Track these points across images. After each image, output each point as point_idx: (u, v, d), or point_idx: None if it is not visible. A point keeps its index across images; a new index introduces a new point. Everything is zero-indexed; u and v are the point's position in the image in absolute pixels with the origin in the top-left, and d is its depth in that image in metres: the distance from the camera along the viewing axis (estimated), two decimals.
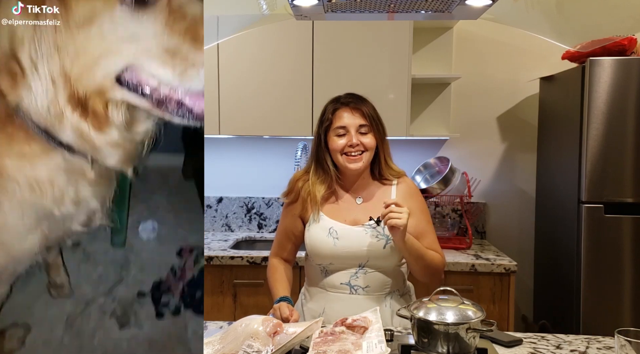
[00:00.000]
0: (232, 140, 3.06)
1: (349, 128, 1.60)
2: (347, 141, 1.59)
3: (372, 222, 1.59)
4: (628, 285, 2.27)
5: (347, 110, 1.62)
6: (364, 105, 1.63)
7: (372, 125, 1.62)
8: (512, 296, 2.46)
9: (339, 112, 1.62)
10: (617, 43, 2.26)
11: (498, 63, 2.96)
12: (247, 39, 2.71)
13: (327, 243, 1.61)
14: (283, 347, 1.26)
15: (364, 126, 1.61)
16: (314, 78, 2.68)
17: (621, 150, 2.25)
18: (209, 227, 3.11)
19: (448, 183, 2.68)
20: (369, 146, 1.61)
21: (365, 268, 1.61)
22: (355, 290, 1.61)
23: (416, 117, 2.96)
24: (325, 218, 1.64)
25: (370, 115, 1.62)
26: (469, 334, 1.27)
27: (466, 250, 2.70)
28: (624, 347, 1.17)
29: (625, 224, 2.26)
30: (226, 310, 2.52)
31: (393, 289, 1.66)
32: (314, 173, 1.67)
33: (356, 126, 1.60)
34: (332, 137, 1.62)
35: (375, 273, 1.61)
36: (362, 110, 1.61)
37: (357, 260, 1.60)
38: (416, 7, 1.57)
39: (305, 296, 1.73)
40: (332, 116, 1.62)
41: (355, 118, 1.61)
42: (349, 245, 1.59)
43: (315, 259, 1.64)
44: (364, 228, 1.61)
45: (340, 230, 1.61)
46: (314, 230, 1.64)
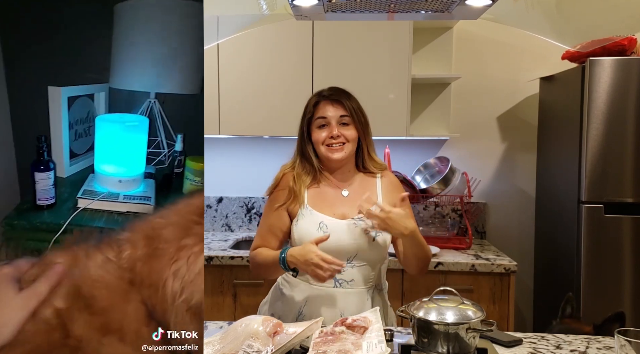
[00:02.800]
0: (232, 140, 3.06)
1: (329, 119, 1.62)
2: (328, 132, 1.61)
3: (362, 216, 1.59)
4: (628, 285, 2.27)
5: (328, 103, 1.64)
6: (345, 97, 1.65)
7: (352, 117, 1.63)
8: (512, 296, 2.46)
9: (320, 105, 1.65)
10: (617, 43, 2.26)
11: (498, 63, 2.96)
12: (247, 39, 2.71)
13: (316, 237, 1.57)
14: (283, 347, 1.26)
15: (345, 117, 1.62)
16: (314, 78, 2.68)
17: (621, 150, 2.25)
18: (209, 227, 3.11)
19: (448, 183, 2.68)
20: (350, 137, 1.62)
21: (352, 262, 1.61)
22: (340, 283, 1.61)
23: (416, 117, 2.96)
24: (314, 213, 1.62)
25: (351, 107, 1.63)
26: (469, 334, 1.27)
27: (466, 250, 2.70)
28: (624, 347, 1.17)
29: (625, 224, 2.26)
30: (226, 310, 2.52)
31: (375, 283, 1.67)
32: (299, 165, 1.68)
33: (337, 117, 1.62)
34: (314, 128, 1.64)
35: (361, 267, 1.62)
36: (343, 102, 1.63)
37: (346, 254, 1.60)
38: (416, 7, 1.57)
39: (285, 285, 1.69)
40: (314, 108, 1.65)
41: (336, 110, 1.63)
42: (340, 239, 1.59)
43: None
44: (354, 222, 1.61)
45: (331, 224, 1.60)
46: (303, 224, 1.62)
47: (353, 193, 1.67)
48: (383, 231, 1.59)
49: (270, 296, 1.77)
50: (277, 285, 1.74)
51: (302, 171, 1.67)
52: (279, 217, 1.67)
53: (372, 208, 1.50)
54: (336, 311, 1.59)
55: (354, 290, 1.61)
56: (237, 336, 1.30)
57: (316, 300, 1.61)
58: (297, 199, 1.64)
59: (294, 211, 1.65)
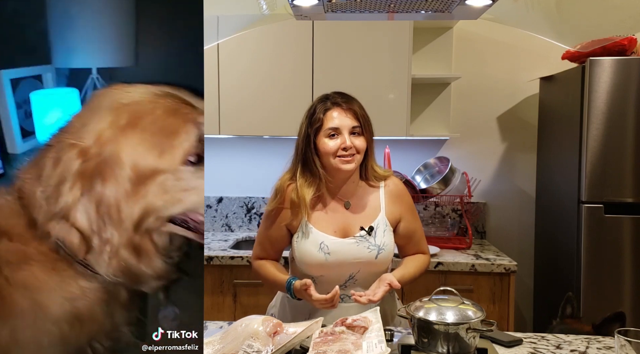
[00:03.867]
0: (232, 140, 3.06)
1: (341, 130, 1.53)
2: (340, 143, 1.53)
3: (364, 233, 1.57)
4: (628, 285, 2.27)
5: (338, 110, 1.55)
6: (354, 104, 1.57)
7: (363, 127, 1.56)
8: (512, 296, 2.46)
9: (329, 113, 1.55)
10: (617, 43, 2.26)
11: (498, 63, 2.96)
12: (247, 39, 2.71)
13: (318, 258, 1.56)
14: (283, 347, 1.26)
15: (356, 127, 1.55)
16: (314, 78, 2.68)
17: (621, 150, 2.25)
18: (209, 227, 3.11)
19: (448, 183, 2.68)
20: (361, 148, 1.55)
21: (355, 277, 1.59)
22: (342, 298, 1.57)
23: (416, 117, 2.96)
24: (314, 232, 1.57)
25: (361, 116, 1.56)
26: (469, 334, 1.27)
27: (466, 250, 2.70)
28: (624, 347, 1.17)
29: (625, 224, 2.26)
30: (226, 310, 2.52)
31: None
32: (301, 176, 1.58)
33: (349, 128, 1.54)
34: (323, 138, 1.54)
35: (365, 282, 1.59)
36: (354, 110, 1.56)
37: (349, 272, 1.58)
38: (416, 7, 1.57)
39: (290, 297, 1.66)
40: (323, 117, 1.54)
41: (347, 119, 1.54)
42: (341, 259, 1.56)
43: (305, 270, 1.60)
44: (356, 241, 1.57)
45: (332, 245, 1.56)
46: (303, 245, 1.58)
47: (355, 206, 1.61)
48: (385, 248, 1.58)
49: (276, 300, 1.76)
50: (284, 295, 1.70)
51: (305, 182, 1.58)
52: (279, 231, 1.64)
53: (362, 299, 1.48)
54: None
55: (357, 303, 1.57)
56: (237, 336, 1.30)
57: (320, 313, 1.55)
58: (299, 215, 1.58)
59: (294, 225, 1.61)
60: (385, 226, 1.60)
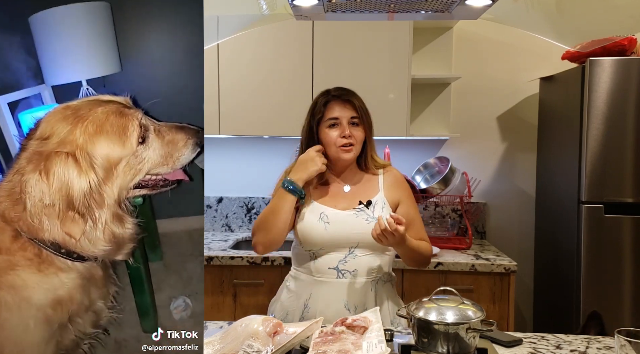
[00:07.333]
0: (232, 140, 3.06)
1: (341, 119, 1.64)
2: (339, 132, 1.64)
3: (362, 206, 1.64)
4: (628, 285, 2.27)
5: (338, 103, 1.66)
6: (354, 97, 1.68)
7: (362, 118, 1.66)
8: (512, 296, 2.46)
9: (330, 105, 1.66)
10: (617, 43, 2.26)
11: (498, 63, 2.96)
12: (247, 39, 2.71)
13: (317, 227, 1.64)
14: (283, 347, 1.26)
15: (355, 118, 1.65)
16: (314, 78, 2.68)
17: (621, 150, 2.25)
18: (209, 227, 3.11)
19: (448, 183, 2.68)
20: (359, 138, 1.66)
21: (354, 252, 1.64)
22: (343, 274, 1.64)
23: (416, 117, 2.96)
24: (315, 204, 1.68)
25: (360, 108, 1.66)
26: (469, 334, 1.27)
27: (466, 250, 2.70)
28: (624, 347, 1.17)
29: (625, 224, 2.26)
30: (226, 310, 2.52)
31: (379, 275, 1.68)
32: None
33: (348, 118, 1.65)
34: (324, 129, 1.66)
35: (364, 257, 1.65)
36: (353, 102, 1.66)
37: (348, 244, 1.64)
38: (416, 7, 1.57)
39: (290, 280, 1.75)
40: (324, 108, 1.66)
41: (346, 110, 1.65)
42: (340, 229, 1.63)
43: (306, 245, 1.67)
44: (355, 212, 1.65)
45: (331, 215, 1.65)
46: (304, 215, 1.67)
47: (355, 189, 1.71)
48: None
49: (279, 294, 1.81)
50: (284, 283, 1.79)
51: None
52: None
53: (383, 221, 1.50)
54: (340, 303, 1.63)
55: (357, 280, 1.64)
56: (237, 336, 1.30)
57: (320, 292, 1.65)
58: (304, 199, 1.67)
59: (299, 207, 1.69)
60: (383, 204, 1.68)
